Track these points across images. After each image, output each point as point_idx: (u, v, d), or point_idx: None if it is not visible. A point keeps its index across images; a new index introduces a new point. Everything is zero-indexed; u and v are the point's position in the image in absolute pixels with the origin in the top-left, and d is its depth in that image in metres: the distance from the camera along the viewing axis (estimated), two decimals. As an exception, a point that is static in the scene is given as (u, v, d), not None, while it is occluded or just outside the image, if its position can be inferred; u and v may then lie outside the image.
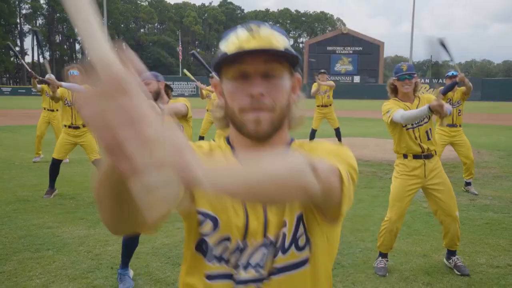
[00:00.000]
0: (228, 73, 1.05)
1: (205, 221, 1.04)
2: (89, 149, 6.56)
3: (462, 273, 3.82)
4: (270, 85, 1.03)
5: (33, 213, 5.57)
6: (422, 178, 3.85)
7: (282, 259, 1.03)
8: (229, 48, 1.03)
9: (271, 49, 1.01)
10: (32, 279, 3.69)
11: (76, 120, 6.51)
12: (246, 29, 1.03)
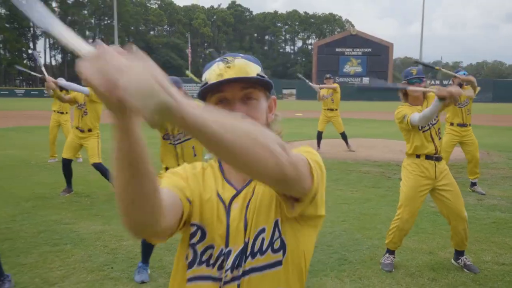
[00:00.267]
0: (211, 100, 1.19)
1: (197, 232, 1.17)
2: (90, 152, 6.68)
3: (472, 271, 3.92)
4: (249, 108, 1.16)
5: (51, 210, 5.77)
6: (433, 179, 3.95)
7: (259, 260, 1.14)
8: (210, 78, 1.18)
9: (245, 77, 1.16)
10: (52, 270, 3.86)
11: (82, 123, 6.67)
12: (223, 62, 1.18)
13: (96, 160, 6.62)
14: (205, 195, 1.20)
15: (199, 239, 1.17)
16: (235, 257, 1.14)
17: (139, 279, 3.67)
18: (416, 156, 4.00)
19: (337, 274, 3.85)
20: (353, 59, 79.29)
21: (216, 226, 1.16)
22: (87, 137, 6.67)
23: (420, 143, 3.96)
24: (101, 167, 6.63)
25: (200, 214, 1.18)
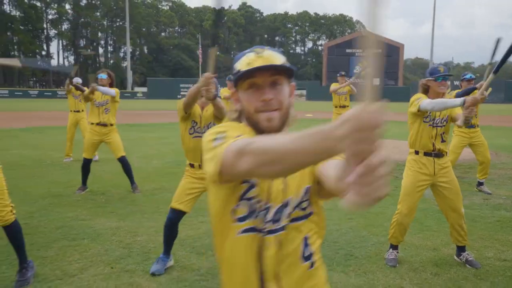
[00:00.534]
0: (243, 85, 1.40)
1: (250, 189, 1.37)
2: (115, 147, 6.94)
3: (474, 266, 4.04)
4: (276, 92, 1.38)
5: (67, 207, 5.99)
6: (432, 175, 4.09)
7: (298, 213, 1.40)
8: (242, 66, 1.38)
9: (275, 64, 1.36)
10: (71, 263, 4.06)
11: (104, 118, 6.90)
12: (253, 52, 1.39)
13: (122, 153, 6.94)
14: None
15: (253, 196, 1.37)
16: (275, 212, 1.37)
17: (153, 269, 3.85)
18: (415, 153, 4.13)
19: (343, 269, 4.00)
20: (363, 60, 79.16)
21: (262, 184, 1.37)
22: (109, 132, 6.93)
23: (419, 136, 4.08)
24: (126, 160, 6.95)
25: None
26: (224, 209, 1.40)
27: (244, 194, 1.37)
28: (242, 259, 1.40)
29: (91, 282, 3.68)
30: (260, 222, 1.37)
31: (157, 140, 13.75)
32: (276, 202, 1.37)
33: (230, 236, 1.40)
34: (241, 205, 1.38)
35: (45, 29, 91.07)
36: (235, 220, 1.38)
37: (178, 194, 4.01)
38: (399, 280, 3.77)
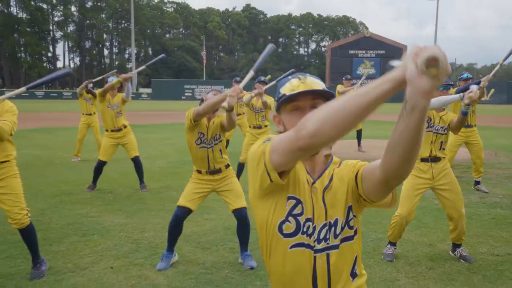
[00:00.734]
0: (287, 107, 1.55)
1: (297, 205, 1.51)
2: (130, 148, 7.16)
3: (467, 261, 4.22)
4: None
5: (77, 204, 6.20)
6: (431, 179, 4.25)
7: (346, 232, 1.52)
8: (286, 91, 1.53)
9: (317, 89, 1.52)
10: (82, 257, 4.27)
11: (117, 123, 7.11)
12: (298, 78, 1.55)
13: (137, 153, 7.19)
14: (298, 174, 1.53)
15: (301, 212, 1.50)
16: (319, 231, 1.50)
17: (159, 267, 4.05)
18: None
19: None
20: (367, 61, 78.98)
21: (308, 202, 1.51)
22: (124, 135, 7.14)
23: None
24: (139, 160, 7.19)
25: (296, 189, 1.51)
26: (272, 222, 1.52)
27: (291, 210, 1.50)
28: (295, 272, 1.52)
29: (101, 274, 3.88)
30: (309, 239, 1.49)
31: (161, 140, 13.96)
32: (320, 221, 1.50)
33: (280, 250, 1.53)
34: (289, 221, 1.50)
35: (51, 31, 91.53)
36: (283, 235, 1.51)
37: (186, 193, 4.18)
38: (395, 274, 3.95)
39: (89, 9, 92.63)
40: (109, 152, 7.15)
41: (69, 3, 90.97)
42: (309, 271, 1.49)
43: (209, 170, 4.13)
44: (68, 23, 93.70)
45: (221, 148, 4.18)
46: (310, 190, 1.51)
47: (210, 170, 4.13)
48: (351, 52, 78.50)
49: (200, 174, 4.19)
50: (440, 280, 3.82)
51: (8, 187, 3.72)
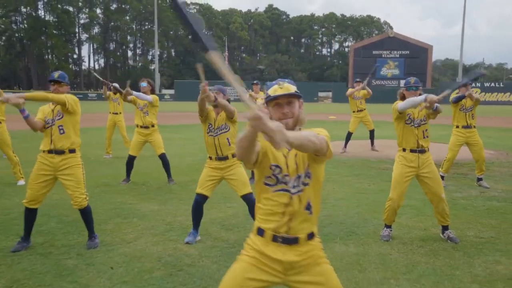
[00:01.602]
0: (271, 103, 2.32)
1: (277, 168, 2.27)
2: (157, 145, 7.99)
3: (453, 241, 4.90)
4: (290, 107, 2.30)
5: (116, 194, 7.07)
6: (416, 167, 4.95)
7: (304, 181, 2.27)
8: (271, 92, 2.30)
9: (289, 92, 2.28)
10: (126, 234, 5.10)
11: (145, 121, 7.94)
12: (278, 85, 2.31)
13: (162, 150, 8.00)
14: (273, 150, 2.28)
15: (279, 171, 2.27)
16: (294, 181, 2.25)
17: (186, 240, 4.86)
18: (403, 150, 5.01)
19: (344, 242, 4.91)
20: (391, 62, 78.87)
21: (283, 165, 2.27)
22: (151, 132, 7.95)
23: (406, 137, 4.97)
24: (165, 157, 8.00)
25: (275, 159, 2.28)
26: (261, 179, 2.32)
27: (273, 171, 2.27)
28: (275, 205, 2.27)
29: (144, 247, 4.70)
30: (288, 186, 2.26)
31: (186, 140, 14.84)
32: (292, 175, 2.26)
33: (268, 193, 2.29)
34: (271, 178, 2.27)
35: (77, 33, 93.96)
36: (268, 185, 2.29)
37: (201, 181, 5.03)
38: (389, 250, 4.66)
39: (113, 11, 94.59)
40: (137, 147, 7.99)
41: (94, 6, 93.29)
42: (284, 204, 2.25)
43: (217, 157, 4.93)
44: (93, 25, 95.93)
45: (228, 137, 4.96)
46: (285, 158, 2.27)
47: (218, 157, 4.93)
48: (374, 52, 78.44)
49: (210, 160, 5.01)
50: (426, 255, 4.52)
51: (73, 175, 4.59)
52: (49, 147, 4.60)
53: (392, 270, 4.11)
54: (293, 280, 2.28)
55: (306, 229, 2.27)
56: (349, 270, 4.11)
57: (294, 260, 2.24)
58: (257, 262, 2.26)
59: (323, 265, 2.31)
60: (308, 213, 2.27)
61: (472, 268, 4.18)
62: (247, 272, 2.24)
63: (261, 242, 2.28)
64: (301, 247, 2.25)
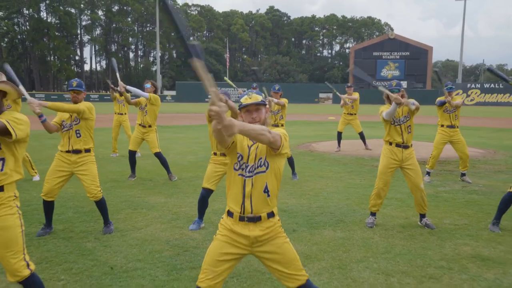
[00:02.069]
0: (243, 110, 2.86)
1: (240, 156, 2.81)
2: (151, 144, 8.49)
3: (430, 228, 5.47)
4: (258, 113, 2.83)
5: (125, 189, 7.64)
6: (400, 160, 5.52)
7: (258, 169, 2.78)
8: (243, 101, 2.85)
9: (257, 101, 2.82)
10: (137, 222, 5.68)
11: (144, 120, 8.50)
12: (248, 95, 2.86)
13: (157, 150, 8.50)
14: (242, 142, 2.82)
15: (241, 159, 2.80)
16: (250, 167, 2.79)
17: (191, 227, 5.44)
18: (389, 144, 5.57)
19: (333, 228, 5.47)
20: (391, 63, 79.40)
21: (245, 154, 2.81)
22: (148, 132, 8.47)
23: (392, 133, 5.54)
24: (161, 155, 8.52)
25: (241, 149, 2.81)
26: (231, 165, 2.85)
27: (237, 158, 2.81)
28: (236, 187, 2.79)
29: (153, 232, 5.28)
30: (244, 172, 2.78)
31: (188, 140, 15.41)
32: (250, 163, 2.78)
33: (232, 176, 2.83)
34: (236, 164, 2.81)
35: (79, 35, 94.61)
36: (234, 169, 2.82)
37: (207, 176, 5.60)
38: (371, 235, 5.23)
39: (115, 13, 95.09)
40: (135, 142, 8.55)
41: (96, 8, 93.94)
42: (242, 186, 2.76)
43: (222, 152, 5.49)
44: (95, 27, 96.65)
45: None
46: (248, 148, 2.80)
47: (222, 153, 5.48)
48: (375, 53, 78.98)
49: (215, 155, 5.59)
50: (404, 239, 5.09)
51: (88, 170, 5.18)
52: (67, 148, 5.19)
53: (373, 251, 4.68)
54: (257, 251, 2.79)
55: (266, 208, 2.77)
56: (335, 251, 4.68)
57: (259, 235, 2.74)
58: (229, 239, 2.76)
59: (281, 239, 2.81)
60: (267, 196, 2.77)
61: (442, 249, 4.75)
62: (221, 248, 2.75)
63: (231, 222, 2.78)
64: (263, 223, 2.76)
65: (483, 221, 5.75)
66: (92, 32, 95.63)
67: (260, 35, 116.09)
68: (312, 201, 6.85)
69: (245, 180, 2.74)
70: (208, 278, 2.69)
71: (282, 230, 2.85)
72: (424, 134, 16.32)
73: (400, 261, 4.40)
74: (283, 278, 2.76)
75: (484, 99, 64.28)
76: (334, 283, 3.85)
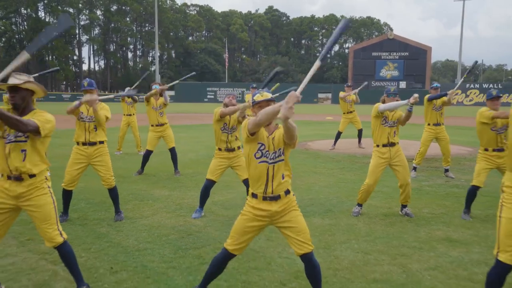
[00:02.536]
0: (255, 106, 3.45)
1: (262, 145, 3.36)
2: (169, 140, 9.19)
3: (409, 216, 6.06)
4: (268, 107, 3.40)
5: (131, 183, 8.23)
6: (388, 158, 6.09)
7: (278, 158, 3.38)
8: (256, 99, 3.44)
9: (268, 98, 3.43)
10: (144, 212, 6.27)
11: (160, 120, 9.11)
12: (260, 93, 3.46)
13: (173, 144, 9.25)
14: (263, 133, 3.36)
15: (263, 148, 3.35)
16: (271, 155, 3.34)
17: (193, 215, 6.04)
18: (377, 146, 6.13)
19: (322, 217, 6.06)
20: (390, 63, 79.82)
21: (266, 143, 3.35)
22: (165, 129, 9.20)
23: (379, 134, 6.11)
24: (175, 150, 9.25)
25: (262, 138, 3.35)
26: (251, 155, 3.40)
27: (259, 147, 3.36)
28: (259, 172, 3.34)
29: (160, 220, 5.87)
30: (267, 159, 3.35)
31: (189, 139, 15.99)
32: (271, 150, 3.35)
33: (254, 164, 3.38)
34: (258, 152, 3.37)
35: (77, 35, 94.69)
36: (255, 157, 3.38)
37: (211, 169, 6.21)
38: (356, 222, 5.82)
39: (114, 12, 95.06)
40: (154, 143, 9.16)
41: (94, 7, 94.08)
42: (265, 172, 3.34)
43: (227, 148, 6.08)
44: (94, 26, 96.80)
45: (236, 135, 6.14)
46: (267, 139, 3.36)
47: (227, 148, 6.08)
48: (374, 54, 79.29)
49: (220, 151, 6.18)
50: (385, 225, 5.69)
51: (103, 161, 5.78)
52: (83, 140, 5.76)
53: (355, 235, 5.28)
54: (277, 222, 3.42)
55: (283, 188, 3.39)
56: (322, 235, 5.27)
57: (278, 210, 3.36)
58: (253, 215, 3.40)
59: (296, 212, 3.43)
60: (282, 178, 3.38)
61: (417, 233, 5.36)
62: (247, 222, 3.40)
63: (255, 202, 3.40)
64: (282, 200, 3.37)
65: (458, 211, 6.34)
66: (90, 32, 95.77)
67: (259, 35, 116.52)
68: (304, 194, 7.43)
69: (268, 167, 3.34)
70: (235, 243, 3.41)
71: (296, 204, 3.47)
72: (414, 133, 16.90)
73: (378, 242, 5.00)
74: (294, 244, 3.39)
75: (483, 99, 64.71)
76: (319, 259, 4.39)
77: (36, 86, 3.48)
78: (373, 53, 79.66)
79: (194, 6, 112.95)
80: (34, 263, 4.32)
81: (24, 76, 3.39)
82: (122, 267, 4.24)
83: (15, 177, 3.40)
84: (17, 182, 3.40)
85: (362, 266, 4.32)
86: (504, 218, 3.02)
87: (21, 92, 3.37)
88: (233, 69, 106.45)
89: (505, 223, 3.00)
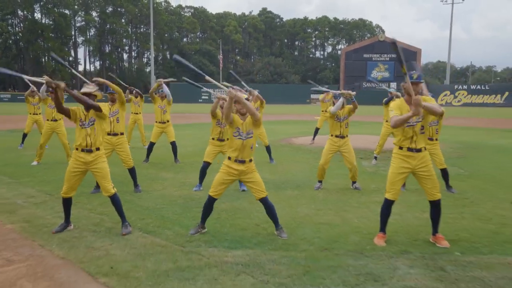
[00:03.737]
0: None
1: (238, 129, 5.25)
2: (170, 134, 10.98)
3: (358, 189, 7.99)
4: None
5: (142, 169, 10.04)
6: (338, 147, 7.98)
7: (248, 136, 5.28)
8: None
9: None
10: (156, 187, 8.14)
11: (163, 117, 10.90)
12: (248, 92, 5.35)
13: (174, 139, 11.02)
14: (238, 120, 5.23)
15: (239, 129, 5.23)
16: (245, 134, 5.23)
17: (194, 189, 7.93)
18: (331, 135, 7.99)
19: (292, 190, 7.96)
20: (381, 65, 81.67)
21: (241, 127, 5.24)
22: (167, 126, 10.96)
23: (333, 127, 7.98)
24: (175, 144, 11.03)
25: (237, 124, 5.22)
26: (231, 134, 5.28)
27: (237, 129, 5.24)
28: (236, 145, 5.18)
29: (169, 192, 7.73)
30: (242, 137, 5.22)
31: (188, 135, 17.84)
32: (243, 131, 5.22)
33: (233, 140, 5.25)
34: (236, 132, 5.25)
35: (73, 36, 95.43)
36: (234, 135, 5.25)
37: (207, 153, 8.15)
38: (317, 193, 7.71)
39: (109, 14, 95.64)
40: (156, 136, 10.96)
41: (90, 9, 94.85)
42: (240, 145, 5.20)
43: (219, 138, 7.99)
44: (89, 28, 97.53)
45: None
46: (242, 123, 5.20)
47: (219, 138, 8.00)
48: (365, 55, 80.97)
49: (213, 140, 8.11)
50: (338, 195, 7.61)
51: (123, 148, 7.67)
52: (109, 131, 7.57)
53: (314, 200, 7.20)
54: (243, 178, 5.29)
55: (249, 157, 5.25)
56: (289, 200, 7.17)
57: (244, 170, 5.24)
58: (228, 171, 5.26)
59: (255, 172, 5.30)
60: (250, 149, 5.24)
61: (359, 198, 7.31)
62: (223, 176, 5.27)
63: (229, 162, 5.27)
64: (246, 164, 5.25)
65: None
66: (86, 34, 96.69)
67: (253, 36, 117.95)
68: (282, 176, 9.32)
69: (243, 142, 5.18)
70: (215, 191, 5.30)
71: (255, 168, 5.33)
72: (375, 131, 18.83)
73: (329, 204, 6.92)
74: (254, 192, 5.28)
75: (471, 100, 66.94)
76: (283, 213, 6.31)
77: (99, 93, 5.37)
78: (365, 55, 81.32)
79: (189, 8, 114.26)
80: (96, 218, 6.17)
81: (92, 85, 5.28)
82: (147, 216, 6.12)
83: (87, 149, 5.26)
84: (88, 153, 5.26)
85: (313, 216, 6.23)
86: (390, 172, 4.95)
87: (91, 97, 5.27)
88: (228, 70, 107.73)
89: (390, 175, 4.93)
